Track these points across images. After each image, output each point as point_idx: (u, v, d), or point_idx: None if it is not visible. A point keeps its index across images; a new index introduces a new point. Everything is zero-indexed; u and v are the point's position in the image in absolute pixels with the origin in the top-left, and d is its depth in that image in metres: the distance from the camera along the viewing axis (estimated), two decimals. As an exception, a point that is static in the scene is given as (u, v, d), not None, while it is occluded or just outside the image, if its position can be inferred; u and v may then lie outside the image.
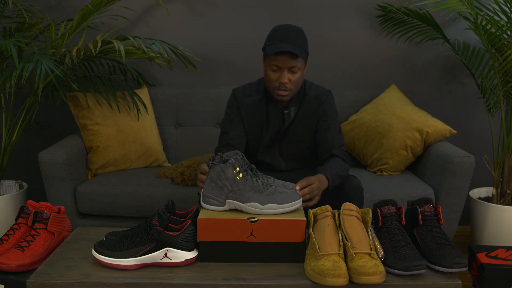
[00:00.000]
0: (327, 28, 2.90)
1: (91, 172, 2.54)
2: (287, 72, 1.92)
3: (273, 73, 1.94)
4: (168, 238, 1.50)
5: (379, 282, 1.38)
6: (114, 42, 2.30)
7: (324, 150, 2.04)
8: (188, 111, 2.81)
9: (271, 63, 1.93)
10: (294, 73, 1.93)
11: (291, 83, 1.94)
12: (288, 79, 1.92)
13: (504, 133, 2.55)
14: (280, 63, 1.91)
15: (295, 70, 1.93)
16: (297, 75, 1.94)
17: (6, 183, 2.67)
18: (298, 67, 1.92)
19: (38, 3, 2.84)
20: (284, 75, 1.92)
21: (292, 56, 1.90)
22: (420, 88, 2.96)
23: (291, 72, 1.93)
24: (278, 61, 1.91)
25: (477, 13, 2.39)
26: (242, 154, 1.65)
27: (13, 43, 2.31)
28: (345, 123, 2.74)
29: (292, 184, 1.72)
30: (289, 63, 1.90)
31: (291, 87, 1.95)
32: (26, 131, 2.93)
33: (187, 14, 2.90)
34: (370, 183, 2.39)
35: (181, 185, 2.40)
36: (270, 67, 1.94)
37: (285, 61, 1.90)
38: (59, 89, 2.48)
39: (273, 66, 1.93)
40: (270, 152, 2.11)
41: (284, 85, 1.93)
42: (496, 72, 2.49)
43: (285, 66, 1.91)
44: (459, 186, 2.31)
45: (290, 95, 1.97)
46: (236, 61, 2.93)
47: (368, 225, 1.56)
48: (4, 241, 1.67)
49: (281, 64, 1.91)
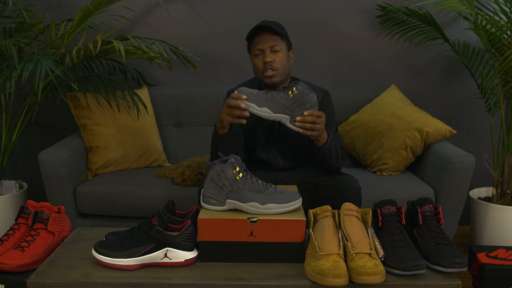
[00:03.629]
0: (327, 28, 2.90)
1: (91, 172, 2.54)
2: (269, 52, 1.98)
3: (257, 58, 2.01)
4: (168, 238, 1.51)
5: (379, 282, 1.39)
6: (114, 42, 2.30)
7: None
8: (188, 111, 2.81)
9: (254, 49, 2.01)
10: (276, 52, 1.99)
11: (275, 62, 1.98)
12: (271, 58, 1.98)
13: (504, 133, 2.55)
14: (260, 44, 1.98)
15: (277, 49, 1.99)
16: (279, 55, 2.00)
17: (6, 183, 2.68)
18: (279, 47, 1.99)
19: (38, 3, 2.84)
20: (267, 54, 1.98)
21: (270, 33, 1.97)
22: (420, 88, 2.96)
23: (273, 52, 1.98)
24: (258, 42, 1.99)
25: (477, 13, 2.39)
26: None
27: (13, 43, 2.31)
28: (345, 123, 2.74)
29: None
30: (269, 41, 1.98)
31: (277, 67, 1.99)
32: (26, 131, 2.93)
33: (187, 14, 2.90)
34: (370, 183, 2.39)
35: (181, 185, 2.40)
36: (254, 53, 2.02)
37: (264, 40, 1.98)
38: (59, 89, 2.48)
39: (256, 50, 2.01)
40: (268, 151, 2.12)
41: (269, 64, 1.97)
42: (496, 72, 2.49)
43: (266, 46, 1.98)
44: (459, 186, 2.31)
45: (278, 75, 2.00)
46: (236, 61, 2.93)
47: (368, 225, 1.56)
48: (4, 241, 1.67)
49: (262, 45, 1.98)
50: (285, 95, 1.78)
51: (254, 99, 1.79)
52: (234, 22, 2.90)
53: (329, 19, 2.89)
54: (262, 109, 1.78)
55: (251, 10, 2.88)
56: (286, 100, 1.78)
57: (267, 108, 1.78)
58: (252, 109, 1.79)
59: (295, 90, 1.78)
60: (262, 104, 1.78)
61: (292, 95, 1.78)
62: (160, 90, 2.84)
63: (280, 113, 1.78)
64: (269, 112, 1.78)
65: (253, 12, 2.88)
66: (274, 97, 1.78)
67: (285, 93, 1.78)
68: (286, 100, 1.78)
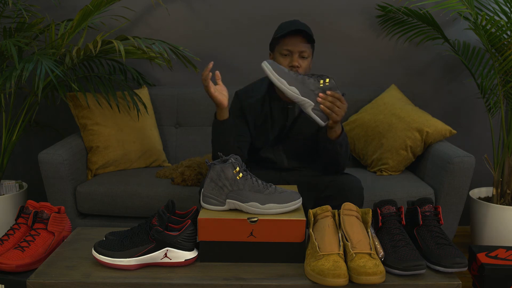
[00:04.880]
0: (327, 28, 2.90)
1: (91, 172, 2.54)
2: (297, 56, 1.93)
3: (284, 58, 1.95)
4: (168, 238, 1.51)
5: (379, 282, 1.39)
6: (114, 42, 2.30)
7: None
8: (188, 111, 2.81)
9: (282, 48, 1.94)
10: (304, 59, 1.94)
11: (301, 68, 1.94)
12: (299, 63, 1.93)
13: (504, 133, 2.55)
14: (291, 46, 1.92)
15: (305, 56, 1.94)
16: (306, 62, 1.95)
17: (6, 183, 2.68)
18: (308, 54, 1.94)
19: (38, 3, 2.84)
20: (295, 58, 1.93)
21: (304, 39, 1.91)
22: (420, 88, 2.96)
23: (301, 58, 1.94)
24: (289, 44, 1.92)
25: (477, 13, 2.39)
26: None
27: (13, 43, 2.31)
28: (345, 123, 2.74)
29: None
30: (300, 46, 1.92)
31: (301, 72, 1.93)
32: (26, 131, 2.93)
33: (187, 14, 2.90)
34: (370, 183, 2.39)
35: (181, 185, 2.40)
36: (281, 52, 1.95)
37: (296, 43, 1.92)
38: (59, 89, 2.48)
39: (284, 50, 1.94)
40: (274, 150, 2.12)
41: (295, 68, 1.92)
42: (496, 72, 2.49)
43: (296, 50, 1.92)
44: (459, 186, 2.31)
45: None
46: (237, 61, 2.93)
47: (368, 225, 1.56)
48: (4, 241, 1.68)
49: (292, 46, 1.92)
50: (316, 82, 1.76)
51: (285, 76, 1.75)
52: (234, 22, 2.90)
53: (329, 19, 2.89)
54: (291, 88, 1.74)
55: (251, 10, 2.88)
56: (316, 87, 1.75)
57: (296, 88, 1.75)
58: (281, 85, 1.75)
59: (327, 82, 1.75)
60: (292, 84, 1.75)
61: (323, 85, 1.75)
62: (160, 90, 2.84)
63: (306, 98, 1.76)
64: (297, 93, 1.75)
65: (253, 12, 2.88)
66: (304, 80, 1.75)
67: (316, 80, 1.76)
68: (316, 87, 1.75)
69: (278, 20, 2.14)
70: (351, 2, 2.87)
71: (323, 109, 1.76)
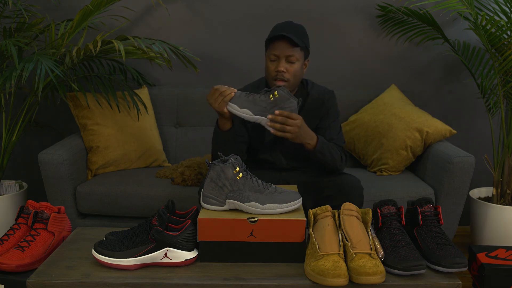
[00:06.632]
0: (327, 28, 2.90)
1: (91, 172, 2.54)
2: (284, 61, 1.94)
3: (271, 63, 1.97)
4: (168, 238, 1.51)
5: (379, 282, 1.39)
6: (114, 42, 2.30)
7: None
8: (188, 111, 2.81)
9: (270, 53, 1.97)
10: (291, 63, 1.95)
11: (288, 73, 1.95)
12: (285, 68, 1.94)
13: (504, 133, 2.55)
14: (278, 51, 1.94)
15: (293, 60, 1.95)
16: (294, 66, 1.96)
17: (6, 183, 2.68)
18: (296, 58, 1.95)
19: (38, 3, 2.84)
20: (281, 64, 1.94)
21: (289, 44, 1.92)
22: (420, 88, 2.96)
23: (288, 62, 1.95)
24: (276, 49, 1.94)
25: (477, 13, 2.39)
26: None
27: (13, 43, 2.31)
28: (345, 123, 2.73)
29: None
30: (286, 51, 1.93)
31: (289, 77, 1.96)
32: (26, 131, 2.93)
33: (187, 14, 2.90)
34: (370, 183, 2.39)
35: (181, 185, 2.40)
36: (269, 57, 1.98)
37: (282, 48, 1.93)
38: (59, 89, 2.48)
39: (272, 55, 1.97)
40: (272, 151, 2.12)
41: (281, 73, 1.95)
42: (496, 72, 2.49)
43: (282, 55, 1.94)
44: (459, 186, 2.31)
45: (287, 86, 1.98)
46: (236, 61, 2.93)
47: (368, 225, 1.56)
48: (4, 241, 1.68)
49: (279, 52, 1.94)
50: (266, 98, 1.80)
51: (237, 100, 1.81)
52: (234, 22, 2.90)
53: (329, 19, 2.89)
54: (243, 111, 1.81)
55: (251, 10, 2.88)
56: (267, 103, 1.80)
57: (248, 109, 1.80)
58: (233, 110, 1.82)
59: (276, 94, 1.80)
60: (243, 106, 1.80)
61: (273, 99, 1.80)
62: (160, 90, 2.84)
63: (260, 115, 1.81)
64: (250, 114, 1.81)
65: (253, 12, 2.88)
66: (255, 99, 1.80)
67: (266, 96, 1.80)
68: (266, 103, 1.80)
69: (278, 20, 2.14)
70: (351, 2, 2.87)
71: (275, 133, 1.81)
